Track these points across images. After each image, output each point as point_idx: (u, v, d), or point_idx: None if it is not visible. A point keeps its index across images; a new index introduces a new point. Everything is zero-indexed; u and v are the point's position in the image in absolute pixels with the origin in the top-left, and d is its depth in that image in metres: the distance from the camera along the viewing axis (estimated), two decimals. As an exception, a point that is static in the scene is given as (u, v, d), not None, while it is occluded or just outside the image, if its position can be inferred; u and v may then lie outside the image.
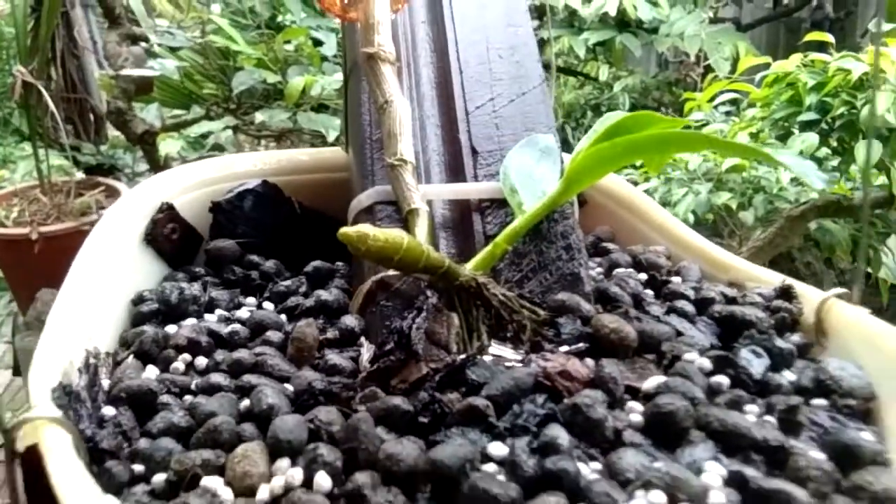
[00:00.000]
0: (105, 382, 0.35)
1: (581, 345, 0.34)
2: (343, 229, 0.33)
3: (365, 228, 0.33)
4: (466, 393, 0.31)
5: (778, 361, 0.33)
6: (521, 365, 0.33)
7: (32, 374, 0.30)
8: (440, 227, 0.43)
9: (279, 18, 1.81)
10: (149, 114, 2.20)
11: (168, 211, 0.46)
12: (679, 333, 0.35)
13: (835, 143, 1.42)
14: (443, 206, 0.43)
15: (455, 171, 0.45)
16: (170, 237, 0.46)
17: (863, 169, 1.05)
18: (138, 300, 0.42)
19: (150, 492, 0.28)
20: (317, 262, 0.45)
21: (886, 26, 1.74)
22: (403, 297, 0.39)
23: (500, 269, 0.40)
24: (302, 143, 2.05)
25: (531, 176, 0.42)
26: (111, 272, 0.41)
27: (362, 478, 0.26)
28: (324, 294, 0.42)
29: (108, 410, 0.32)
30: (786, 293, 0.39)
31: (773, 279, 0.42)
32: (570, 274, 0.40)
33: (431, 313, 0.36)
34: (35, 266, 1.88)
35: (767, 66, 1.48)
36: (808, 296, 0.39)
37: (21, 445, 0.25)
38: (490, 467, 0.27)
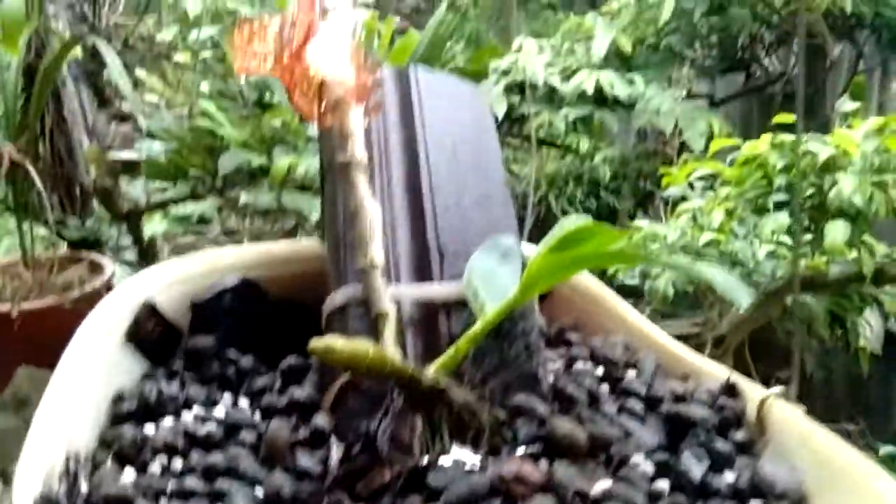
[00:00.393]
0: (84, 487, 0.36)
1: (536, 447, 0.36)
2: (312, 343, 0.36)
3: (331, 342, 0.36)
4: (426, 499, 0.33)
5: (719, 462, 0.35)
6: (479, 468, 0.35)
7: (17, 484, 0.32)
8: (408, 325, 0.45)
9: (266, 98, 1.87)
10: (135, 189, 2.24)
11: (150, 310, 0.48)
12: (628, 434, 0.38)
13: (806, 222, 1.47)
14: (411, 306, 0.46)
15: (423, 272, 0.48)
16: (151, 335, 0.48)
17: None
18: (118, 399, 0.43)
19: None
20: (291, 360, 0.47)
21: (851, 105, 1.83)
22: (372, 396, 0.41)
23: (463, 368, 0.43)
24: (286, 219, 2.09)
25: (492, 278, 0.45)
26: (94, 372, 0.43)
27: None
28: (297, 392, 0.44)
29: (86, 517, 0.34)
30: (731, 390, 0.42)
31: (719, 374, 0.45)
32: (528, 373, 0.42)
33: (396, 415, 0.38)
34: (14, 343, 1.87)
35: (739, 147, 1.55)
36: (752, 393, 0.41)
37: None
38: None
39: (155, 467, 0.38)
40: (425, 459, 0.36)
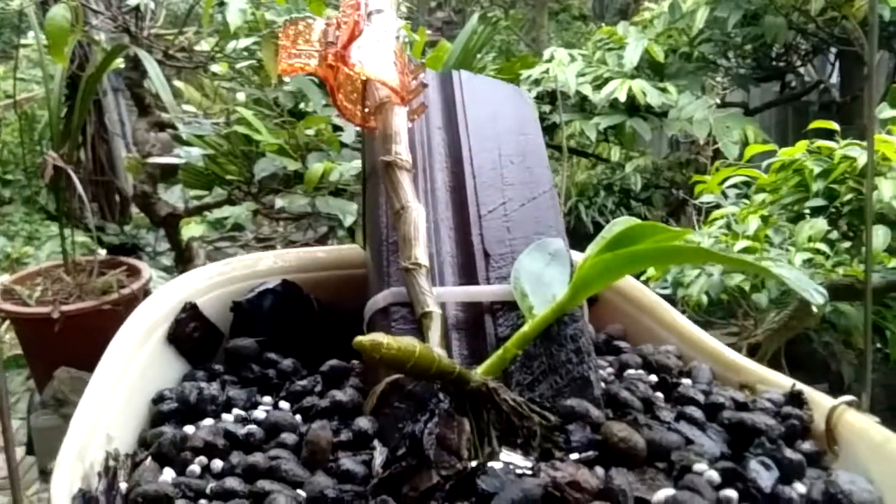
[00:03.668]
0: (123, 486, 0.35)
1: (591, 453, 0.35)
2: (358, 338, 0.35)
3: (378, 338, 0.35)
4: (478, 503, 0.32)
5: (788, 473, 0.33)
6: (531, 473, 0.34)
7: (55, 481, 0.31)
8: (453, 329, 0.44)
9: (301, 106, 1.88)
10: (172, 195, 2.27)
11: (191, 310, 0.47)
12: (689, 441, 0.36)
13: (844, 228, 1.43)
14: (456, 308, 0.45)
15: (468, 274, 0.46)
16: (192, 336, 0.47)
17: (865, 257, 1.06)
18: (158, 399, 0.43)
19: None
20: (333, 361, 0.46)
21: (890, 112, 1.78)
22: (416, 398, 0.40)
23: (511, 371, 0.41)
24: (319, 225, 2.10)
25: (541, 279, 0.44)
26: (134, 372, 0.42)
27: None
28: (338, 394, 0.43)
29: (126, 516, 0.33)
30: (796, 399, 0.39)
31: (783, 382, 0.43)
32: (579, 377, 0.41)
33: (443, 418, 0.37)
34: (54, 345, 1.90)
35: (775, 152, 1.51)
36: (819, 401, 0.39)
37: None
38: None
39: (195, 467, 0.37)
40: (474, 463, 0.35)
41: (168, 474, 0.37)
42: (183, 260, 2.10)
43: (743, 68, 2.85)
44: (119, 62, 2.07)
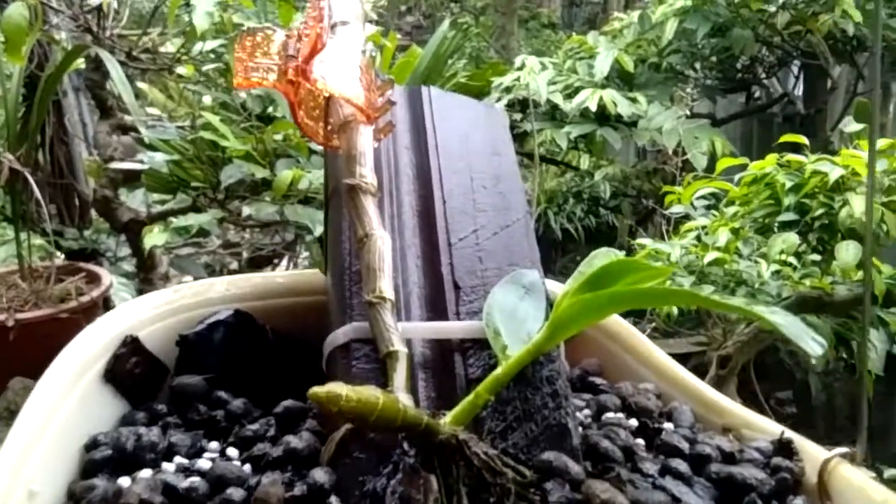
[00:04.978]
0: (45, 554, 0.31)
1: (570, 517, 0.32)
2: (313, 390, 0.31)
3: (336, 389, 0.31)
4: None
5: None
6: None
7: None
8: (420, 367, 0.41)
9: (269, 110, 1.83)
10: (134, 199, 2.19)
11: (132, 344, 0.43)
12: (676, 500, 0.33)
13: (814, 242, 1.43)
14: (423, 345, 0.41)
15: (436, 307, 0.43)
16: (132, 372, 0.43)
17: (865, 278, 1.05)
18: (91, 445, 0.39)
19: None
20: (287, 402, 0.42)
21: (855, 126, 1.80)
22: (379, 448, 0.37)
23: (482, 417, 0.38)
24: (287, 232, 2.05)
25: (514, 315, 0.41)
26: (64, 414, 0.38)
27: None
28: (293, 440, 0.39)
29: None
30: (785, 448, 0.37)
31: (769, 428, 0.40)
32: (556, 425, 0.38)
33: (408, 474, 0.33)
34: (8, 354, 1.82)
35: (746, 165, 1.51)
36: (809, 452, 0.37)
37: None
38: None
39: (129, 530, 0.33)
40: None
41: (98, 538, 0.33)
42: (145, 267, 2.03)
43: (710, 79, 2.88)
44: (80, 62, 2.00)
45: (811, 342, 0.28)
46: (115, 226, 2.10)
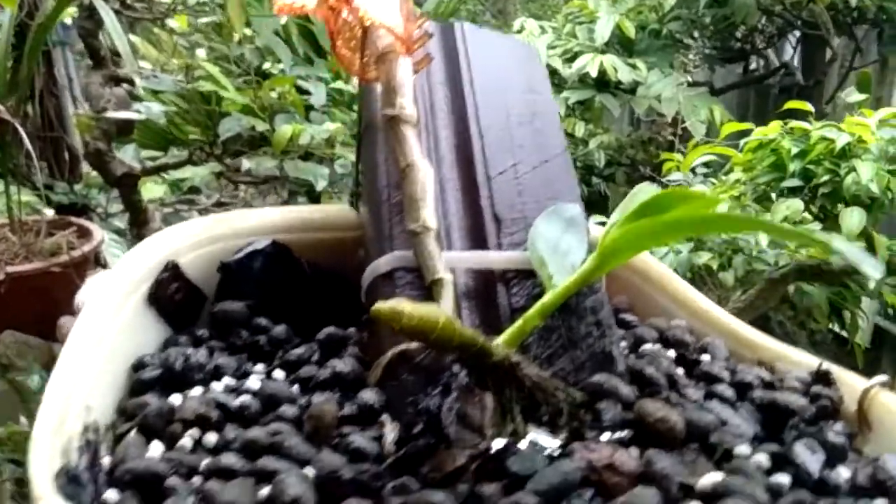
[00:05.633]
0: (106, 461, 0.32)
1: (625, 433, 0.32)
2: (376, 306, 0.31)
3: (399, 306, 0.31)
4: (508, 487, 0.29)
5: (831, 457, 0.31)
6: (560, 454, 0.31)
7: (34, 457, 0.27)
8: (463, 297, 0.41)
9: (266, 66, 1.80)
10: (125, 154, 2.16)
11: (173, 270, 0.43)
12: (723, 422, 0.34)
13: (816, 210, 1.44)
14: (466, 275, 0.42)
15: (477, 239, 0.43)
16: (173, 298, 0.43)
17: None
18: (139, 366, 0.39)
19: None
20: (330, 329, 0.43)
21: (857, 97, 1.80)
22: (427, 371, 0.37)
23: (527, 344, 0.38)
24: (284, 191, 2.03)
25: (558, 247, 0.41)
26: (113, 335, 0.38)
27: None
28: (339, 364, 0.39)
29: (111, 495, 0.29)
30: (823, 378, 0.38)
31: (804, 360, 0.41)
32: (601, 352, 0.38)
33: (463, 393, 0.34)
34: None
35: (748, 132, 1.51)
36: (847, 381, 0.38)
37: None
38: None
39: (186, 441, 0.33)
40: (499, 442, 0.32)
41: (156, 449, 0.33)
42: (138, 222, 2.01)
43: (708, 49, 2.87)
44: (72, 11, 1.95)
45: (870, 267, 0.29)
46: (108, 180, 2.07)
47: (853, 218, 1.14)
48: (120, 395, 0.38)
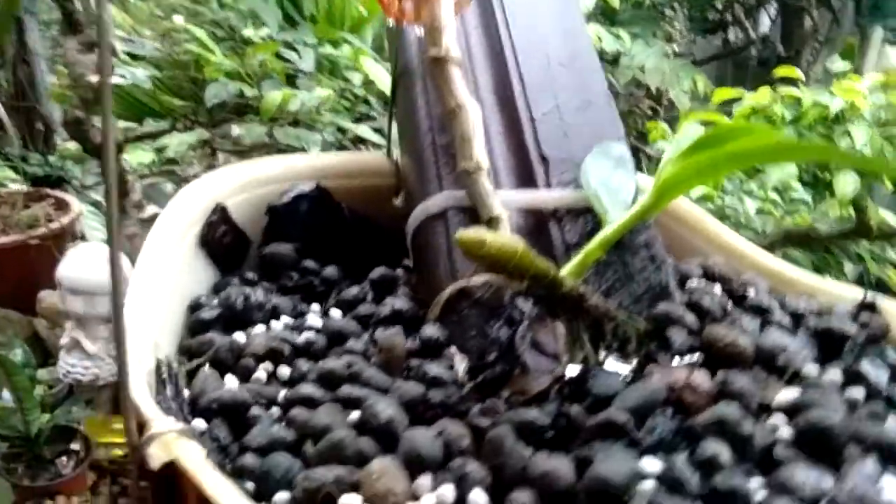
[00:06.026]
0: (186, 393, 0.32)
1: (696, 356, 0.33)
2: (460, 233, 0.31)
3: (481, 234, 0.32)
4: (592, 406, 0.30)
5: (893, 374, 0.33)
6: (635, 377, 0.32)
7: (134, 390, 0.27)
8: (516, 234, 0.41)
9: (247, 33, 1.76)
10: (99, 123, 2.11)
11: (221, 213, 0.43)
12: (785, 347, 0.35)
13: (806, 176, 1.46)
14: (517, 215, 0.42)
15: (525, 179, 0.44)
16: (222, 240, 0.43)
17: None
18: (196, 306, 0.39)
19: (275, 513, 0.25)
20: (382, 269, 0.43)
21: (840, 65, 1.82)
22: (487, 306, 0.38)
23: (585, 280, 0.39)
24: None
25: (609, 185, 0.42)
26: (171, 276, 0.38)
27: (522, 496, 0.24)
28: (397, 302, 0.39)
29: (199, 423, 0.30)
30: (869, 307, 0.39)
31: (843, 293, 0.42)
32: (657, 285, 0.39)
33: (535, 322, 0.34)
34: (-25, 279, 1.76)
35: (738, 100, 1.53)
36: (890, 310, 0.39)
37: (157, 462, 0.22)
38: (648, 484, 0.26)
39: (260, 374, 0.34)
40: (574, 368, 0.33)
41: (231, 382, 0.33)
42: (118, 194, 1.96)
43: (689, 19, 2.87)
44: (45, -27, 1.89)
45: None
46: (87, 149, 2.02)
47: (847, 183, 1.16)
48: (179, 334, 0.38)
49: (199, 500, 0.21)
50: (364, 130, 1.23)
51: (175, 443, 0.23)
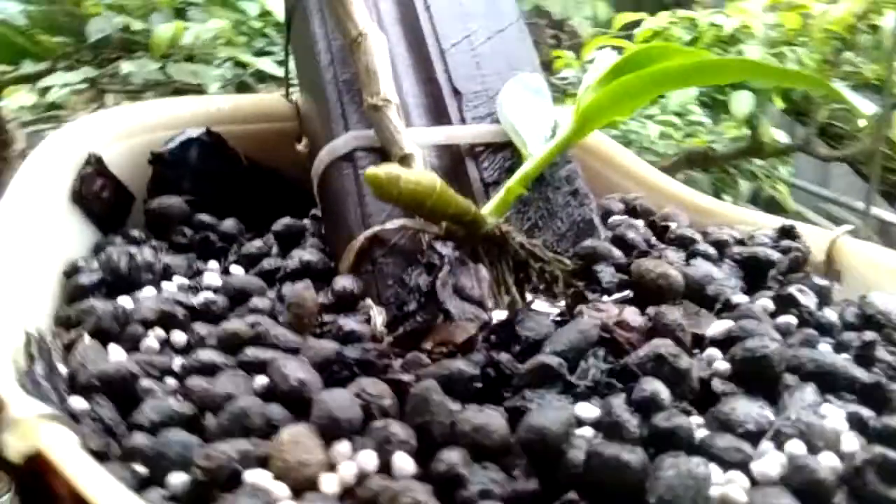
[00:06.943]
0: (62, 369, 0.27)
1: (627, 293, 0.32)
2: (370, 170, 0.28)
3: (395, 170, 0.28)
4: (522, 352, 0.28)
5: (822, 299, 0.32)
6: (565, 318, 0.30)
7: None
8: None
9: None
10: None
11: (97, 164, 0.38)
12: (712, 277, 0.34)
13: (704, 98, 1.50)
14: (432, 153, 0.39)
15: (437, 115, 0.41)
16: (99, 195, 0.38)
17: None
18: (73, 271, 0.34)
19: (172, 497, 0.22)
20: (287, 220, 0.39)
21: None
22: (403, 253, 0.35)
23: (507, 218, 0.37)
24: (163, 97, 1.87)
25: (527, 115, 0.39)
26: (39, 238, 0.33)
27: (452, 455, 0.22)
28: (305, 254, 0.36)
29: (78, 402, 0.26)
30: (788, 233, 0.39)
31: (763, 221, 0.42)
32: (582, 220, 0.37)
33: (456, 267, 0.32)
34: None
35: (641, 21, 1.53)
36: (810, 234, 0.39)
37: (16, 454, 0.19)
38: (585, 431, 0.24)
39: (151, 342, 0.30)
40: (501, 313, 0.31)
41: (117, 353, 0.29)
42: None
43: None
44: None
45: (864, 105, 0.29)
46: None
47: (742, 102, 1.19)
48: (55, 304, 0.33)
49: (71, 495, 0.18)
50: (266, 64, 1.16)
51: (38, 429, 0.20)
